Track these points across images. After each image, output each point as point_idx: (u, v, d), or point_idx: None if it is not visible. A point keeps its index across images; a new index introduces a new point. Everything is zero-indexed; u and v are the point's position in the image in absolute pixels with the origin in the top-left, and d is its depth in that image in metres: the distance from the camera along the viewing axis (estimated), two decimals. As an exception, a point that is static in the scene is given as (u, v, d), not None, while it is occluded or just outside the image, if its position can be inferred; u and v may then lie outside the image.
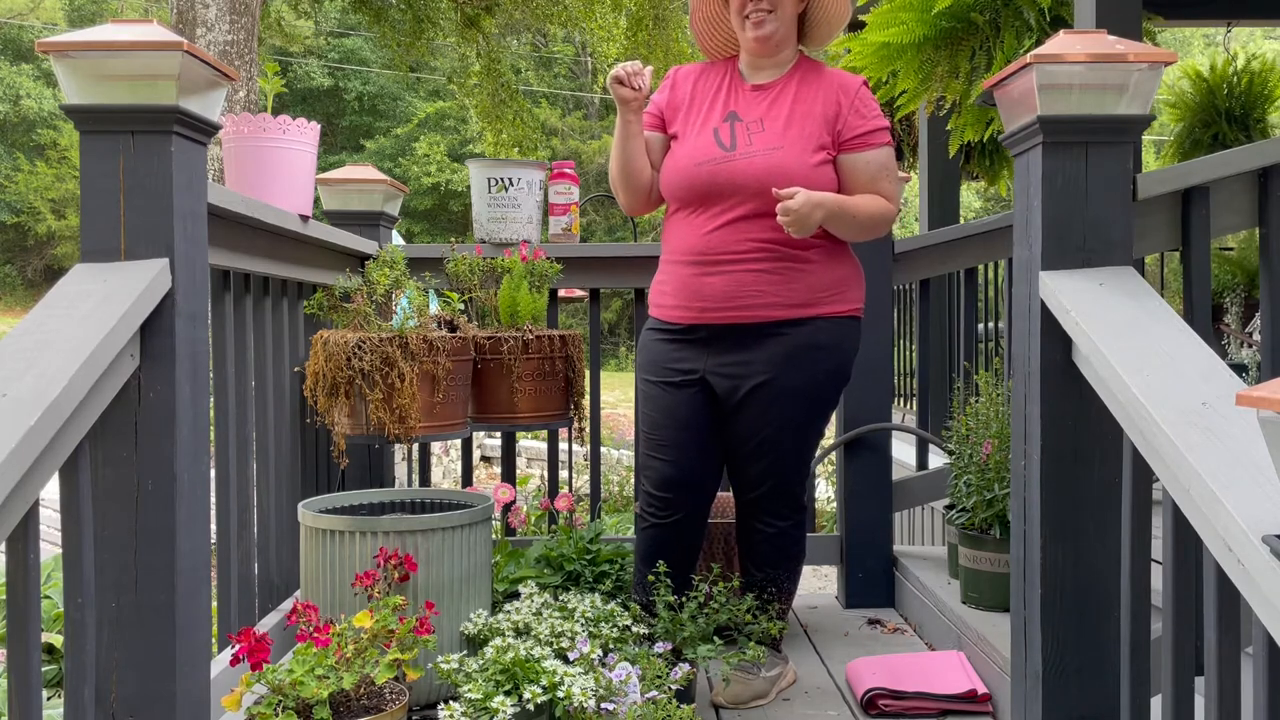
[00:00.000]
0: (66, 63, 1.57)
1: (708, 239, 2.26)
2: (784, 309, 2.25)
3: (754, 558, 2.43)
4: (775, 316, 2.25)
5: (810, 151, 2.25)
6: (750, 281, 2.24)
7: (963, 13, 2.71)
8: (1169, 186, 1.83)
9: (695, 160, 2.28)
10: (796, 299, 2.25)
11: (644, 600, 2.40)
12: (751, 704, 2.35)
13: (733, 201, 2.25)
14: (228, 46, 8.05)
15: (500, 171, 3.04)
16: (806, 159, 2.24)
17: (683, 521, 2.38)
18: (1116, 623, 1.67)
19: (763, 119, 2.29)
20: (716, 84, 2.38)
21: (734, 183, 2.24)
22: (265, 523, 2.41)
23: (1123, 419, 1.52)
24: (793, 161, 2.23)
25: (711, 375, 2.31)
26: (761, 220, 2.23)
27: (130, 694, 1.55)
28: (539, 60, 25.23)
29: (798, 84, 2.32)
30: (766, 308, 2.25)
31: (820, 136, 2.26)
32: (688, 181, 2.28)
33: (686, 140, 2.33)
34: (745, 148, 2.25)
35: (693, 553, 2.44)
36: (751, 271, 2.24)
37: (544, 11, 12.04)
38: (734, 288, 2.24)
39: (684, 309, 2.31)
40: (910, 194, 13.17)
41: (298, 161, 2.37)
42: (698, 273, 2.28)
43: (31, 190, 23.18)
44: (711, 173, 2.25)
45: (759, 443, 2.32)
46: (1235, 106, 4.55)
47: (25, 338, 1.42)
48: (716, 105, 2.34)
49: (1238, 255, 4.48)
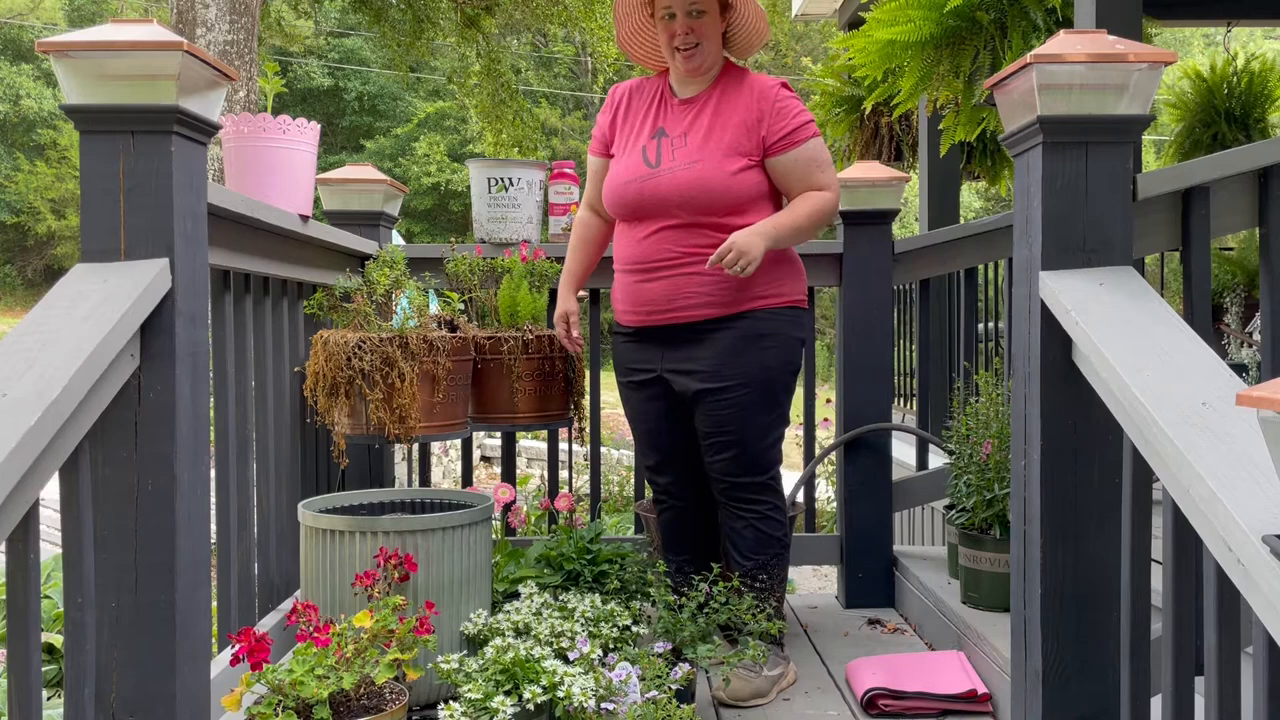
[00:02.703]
0: (66, 63, 1.57)
1: (643, 248, 2.42)
2: (720, 307, 2.37)
3: (736, 547, 2.49)
4: (713, 314, 2.38)
5: (729, 160, 2.36)
6: (684, 284, 2.38)
7: (969, 12, 2.70)
8: (1169, 186, 1.83)
9: (624, 179, 2.44)
10: (729, 297, 2.37)
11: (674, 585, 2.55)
12: (751, 702, 2.36)
13: (660, 214, 2.39)
14: (228, 46, 8.05)
15: (500, 171, 3.04)
16: (725, 168, 2.36)
17: (688, 506, 2.60)
18: (1116, 623, 1.67)
19: (686, 133, 2.42)
20: (649, 99, 2.52)
21: (659, 197, 2.38)
22: (265, 523, 2.41)
23: (1123, 419, 1.52)
24: (712, 172, 2.36)
25: (667, 373, 2.47)
26: (691, 229, 2.37)
27: (130, 694, 1.55)
28: (539, 60, 25.22)
29: (719, 95, 2.44)
30: (702, 307, 2.38)
31: (741, 144, 2.38)
32: (619, 199, 2.45)
33: (619, 159, 2.50)
34: (669, 164, 2.40)
35: (710, 535, 2.63)
36: (684, 275, 2.37)
37: (544, 11, 12.05)
38: (671, 291, 2.39)
39: (632, 313, 2.48)
40: (910, 194, 13.18)
41: (298, 161, 2.37)
42: (638, 279, 2.43)
43: (31, 190, 23.18)
44: (639, 190, 2.41)
45: (718, 436, 2.43)
46: (1235, 106, 4.55)
47: (25, 337, 1.42)
48: (648, 121, 2.49)
49: (1238, 255, 4.48)
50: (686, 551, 2.62)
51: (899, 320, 5.48)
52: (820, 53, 18.82)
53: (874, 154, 5.26)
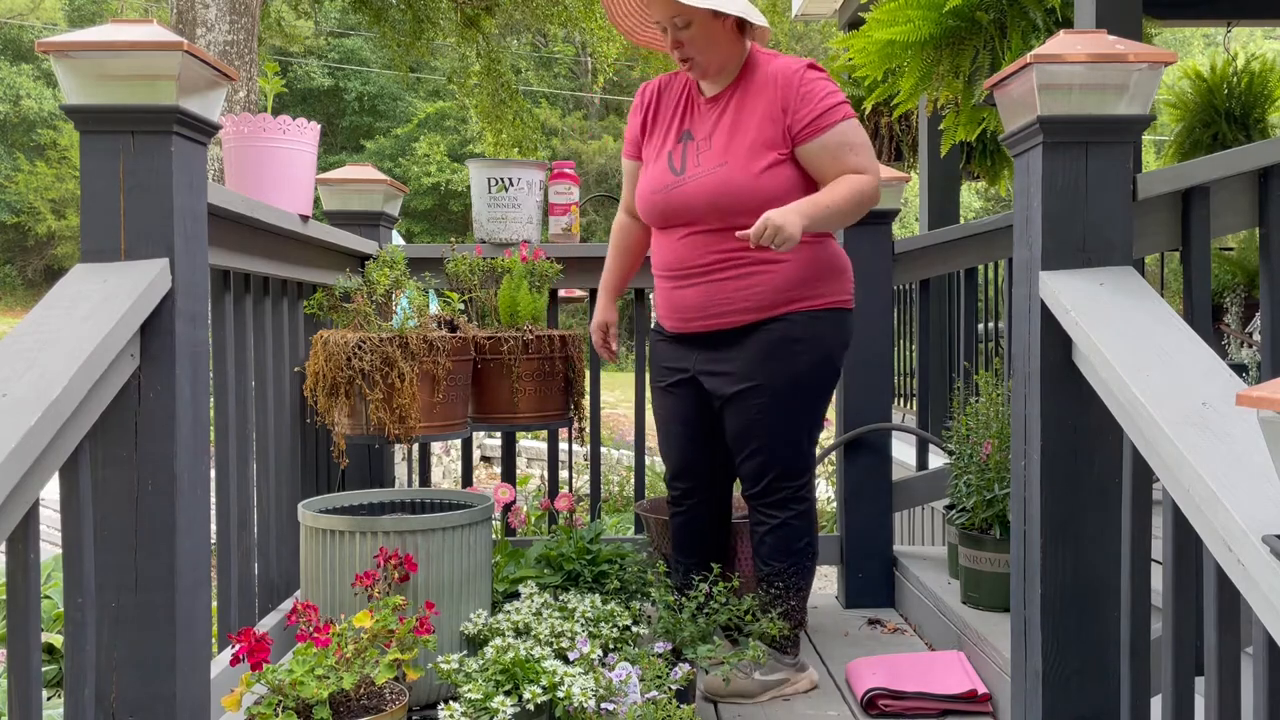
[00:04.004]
0: (66, 63, 1.57)
1: (676, 254, 2.38)
2: (754, 312, 2.32)
3: (759, 552, 2.46)
4: (748, 320, 2.33)
5: (755, 159, 2.29)
6: (718, 291, 2.33)
7: (969, 12, 2.70)
8: (1169, 186, 1.83)
9: (652, 189, 2.40)
10: (765, 301, 2.32)
11: (679, 585, 2.55)
12: (731, 699, 2.37)
13: (689, 220, 2.35)
14: (228, 46, 8.05)
15: (500, 171, 3.04)
16: (751, 168, 2.28)
17: (698, 508, 2.55)
18: (1116, 623, 1.67)
19: (711, 135, 2.36)
20: (676, 98, 2.45)
21: (686, 205, 2.34)
22: (265, 523, 2.40)
23: (1123, 419, 1.52)
24: (738, 174, 2.29)
25: (700, 374, 2.42)
26: (721, 233, 2.31)
27: (130, 694, 1.55)
28: (539, 60, 25.22)
29: (743, 90, 2.35)
30: (738, 313, 2.33)
31: (768, 138, 2.29)
32: (648, 208, 2.42)
33: (647, 167, 2.46)
34: (694, 170, 2.34)
35: (718, 543, 2.60)
36: (718, 281, 2.33)
37: (544, 11, 12.04)
38: (705, 299, 2.35)
39: (670, 319, 2.45)
40: (910, 194, 13.18)
41: (298, 161, 2.37)
42: (673, 286, 2.40)
43: (31, 190, 23.18)
44: (666, 199, 2.37)
45: (749, 440, 2.38)
46: (1235, 106, 4.55)
47: (25, 338, 1.42)
48: (674, 125, 2.43)
49: (1238, 255, 4.48)
50: (695, 555, 2.57)
51: (899, 320, 5.48)
52: (820, 53, 18.82)
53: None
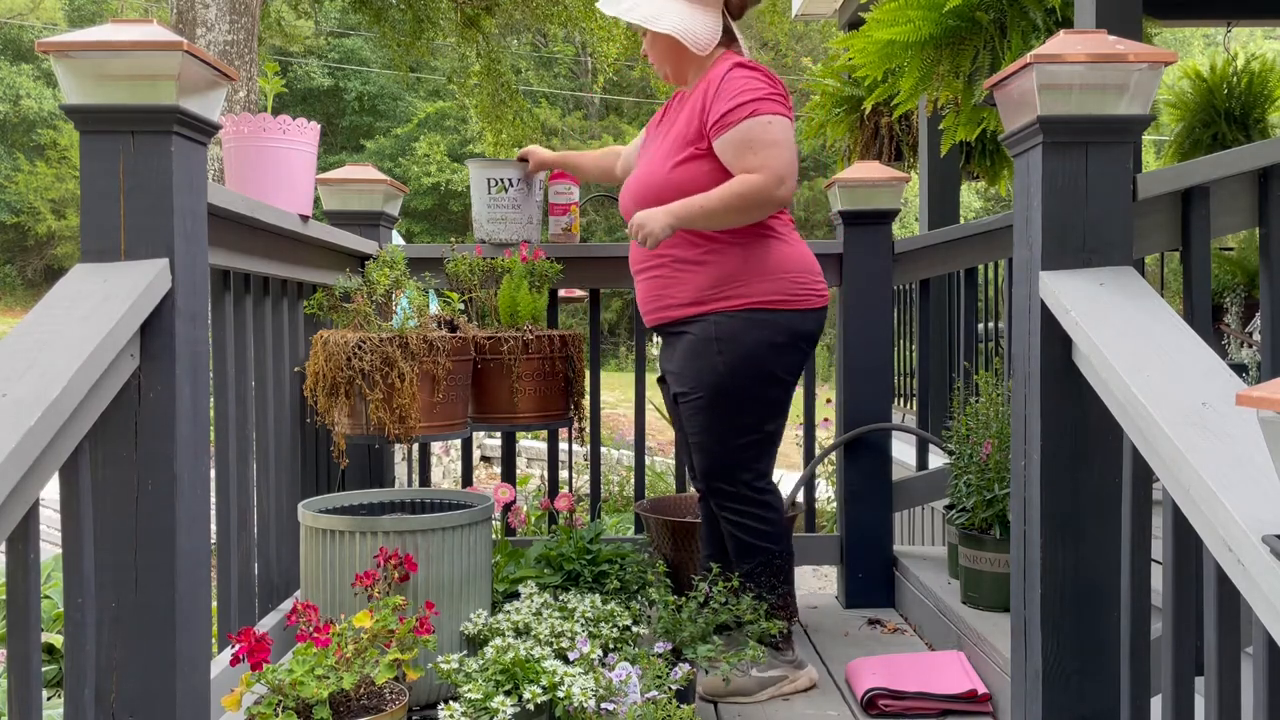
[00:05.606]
0: (66, 63, 1.57)
1: (631, 252, 2.52)
2: (680, 308, 2.40)
3: (731, 554, 2.48)
4: (675, 316, 2.41)
5: (672, 155, 2.37)
6: (653, 287, 2.45)
7: (969, 12, 2.70)
8: (1169, 186, 1.83)
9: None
10: (689, 298, 2.39)
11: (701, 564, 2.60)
12: (729, 698, 2.37)
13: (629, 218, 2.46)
14: (228, 46, 8.05)
15: (500, 172, 3.04)
16: (666, 165, 2.38)
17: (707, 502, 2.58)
18: (1116, 623, 1.67)
19: (658, 139, 2.48)
20: (667, 106, 2.57)
21: (624, 205, 2.50)
22: (265, 523, 2.40)
23: (1123, 419, 1.52)
24: (654, 170, 2.40)
25: (665, 373, 2.53)
26: None
27: (130, 694, 1.55)
28: (539, 60, 25.22)
29: (690, 91, 2.45)
30: (668, 308, 2.43)
31: (689, 134, 2.36)
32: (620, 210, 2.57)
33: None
34: (634, 173, 2.50)
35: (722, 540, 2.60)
36: (655, 278, 2.44)
37: (544, 11, 12.04)
38: (646, 293, 2.48)
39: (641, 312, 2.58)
40: (910, 194, 13.17)
41: (298, 161, 2.37)
42: (636, 279, 2.54)
43: (31, 190, 23.19)
44: (620, 200, 2.55)
45: (689, 438, 2.45)
46: (1235, 106, 4.55)
47: (25, 338, 1.42)
48: (655, 131, 2.56)
49: (1238, 255, 4.48)
50: (710, 547, 2.60)
51: (899, 320, 5.48)
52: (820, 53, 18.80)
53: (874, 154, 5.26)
